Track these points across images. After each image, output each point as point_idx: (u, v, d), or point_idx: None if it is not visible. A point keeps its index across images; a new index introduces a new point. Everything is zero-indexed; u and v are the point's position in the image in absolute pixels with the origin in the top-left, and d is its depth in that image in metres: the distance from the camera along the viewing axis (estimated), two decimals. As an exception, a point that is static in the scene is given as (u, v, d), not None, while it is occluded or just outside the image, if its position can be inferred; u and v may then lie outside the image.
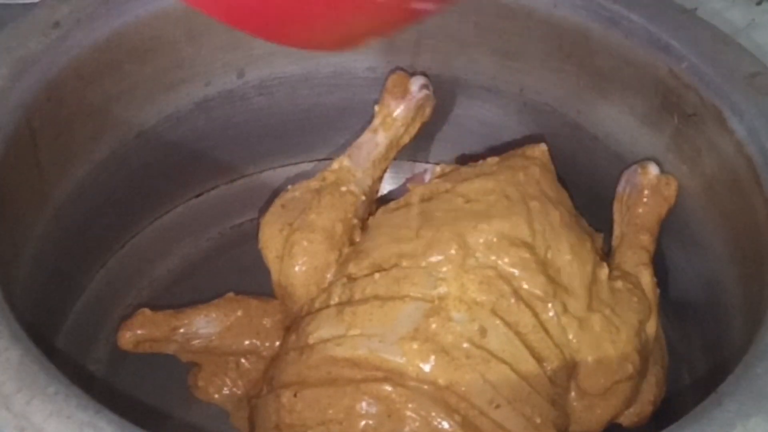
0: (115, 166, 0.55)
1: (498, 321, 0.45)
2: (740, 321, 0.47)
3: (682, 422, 0.37)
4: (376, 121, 0.57)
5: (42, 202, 0.50)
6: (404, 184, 0.63)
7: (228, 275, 0.59)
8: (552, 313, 0.46)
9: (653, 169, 0.54)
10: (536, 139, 0.56)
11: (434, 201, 0.50)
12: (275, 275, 0.53)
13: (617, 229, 0.55)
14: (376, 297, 0.46)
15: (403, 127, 0.57)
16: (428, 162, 0.65)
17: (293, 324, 0.50)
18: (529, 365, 0.45)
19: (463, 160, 0.58)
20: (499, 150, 0.56)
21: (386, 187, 0.61)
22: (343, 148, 0.58)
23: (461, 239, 0.47)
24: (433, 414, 0.43)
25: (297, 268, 0.51)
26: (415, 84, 0.57)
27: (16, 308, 0.39)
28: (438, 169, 0.55)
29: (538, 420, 0.44)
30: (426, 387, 0.43)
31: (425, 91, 0.57)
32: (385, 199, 0.57)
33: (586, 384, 0.47)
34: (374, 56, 0.60)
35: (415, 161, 0.65)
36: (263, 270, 0.53)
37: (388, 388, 0.43)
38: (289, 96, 0.61)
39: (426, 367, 0.44)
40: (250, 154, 0.63)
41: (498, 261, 0.47)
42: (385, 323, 0.45)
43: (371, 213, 0.54)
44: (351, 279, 0.49)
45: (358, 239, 0.52)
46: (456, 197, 0.50)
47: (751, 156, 0.48)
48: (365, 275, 0.48)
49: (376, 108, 0.57)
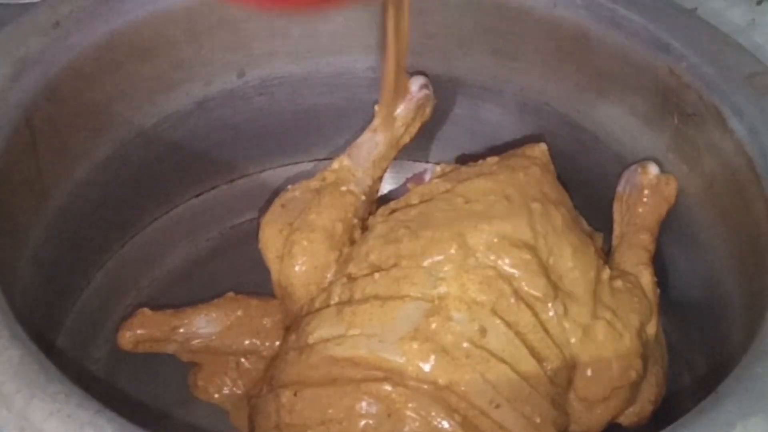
0: (115, 166, 0.55)
1: (498, 321, 0.45)
2: (740, 321, 0.47)
3: (682, 422, 0.37)
4: (376, 121, 0.57)
5: (42, 202, 0.50)
6: (404, 184, 0.63)
7: (228, 275, 0.59)
8: (552, 313, 0.46)
9: (653, 169, 0.54)
10: (536, 139, 0.56)
11: (434, 201, 0.50)
12: (275, 275, 0.53)
13: (617, 229, 0.55)
14: (376, 297, 0.46)
15: (403, 127, 0.57)
16: (428, 162, 0.65)
17: (293, 324, 0.50)
18: (529, 365, 0.45)
19: (463, 160, 0.58)
20: (499, 150, 0.56)
21: (386, 187, 0.61)
22: (343, 148, 0.58)
23: (461, 239, 0.47)
24: (433, 414, 0.43)
25: (297, 268, 0.51)
26: (415, 84, 0.57)
27: (16, 308, 0.39)
28: (438, 169, 0.55)
29: (538, 420, 0.44)
30: (426, 387, 0.43)
31: (425, 91, 0.57)
32: (385, 199, 0.56)
33: (587, 393, 0.47)
34: (374, 56, 0.60)
35: (415, 161, 0.65)
36: (263, 270, 0.53)
37: (388, 388, 0.43)
38: (289, 96, 0.61)
39: (426, 367, 0.44)
40: (250, 154, 0.63)
41: (498, 261, 0.47)
42: (385, 323, 0.45)
43: (371, 213, 0.54)
44: (351, 279, 0.49)
45: (358, 239, 0.52)
46: (456, 197, 0.50)
47: (751, 156, 0.48)
48: (365, 275, 0.48)
49: (377, 108, 0.57)
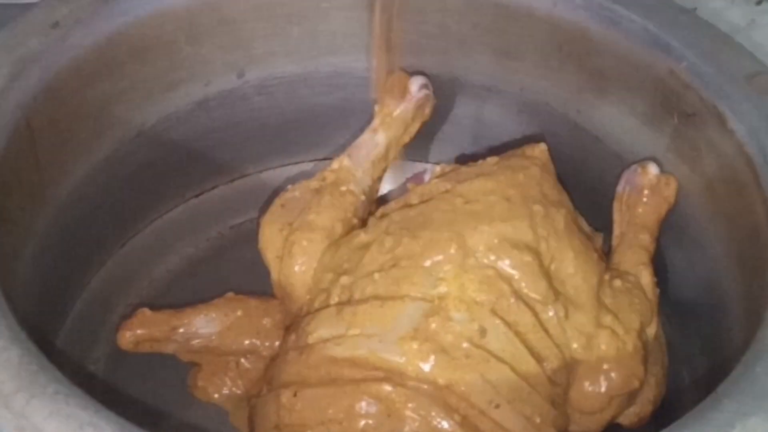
0: (115, 166, 0.55)
1: (498, 321, 0.45)
2: (740, 321, 0.47)
3: (682, 422, 0.37)
4: (376, 121, 0.57)
5: (42, 202, 0.50)
6: (404, 184, 0.63)
7: (228, 275, 0.59)
8: (552, 313, 0.46)
9: (653, 169, 0.54)
10: (536, 139, 0.56)
11: (434, 201, 0.50)
12: (275, 275, 0.53)
13: (617, 229, 0.55)
14: (376, 297, 0.46)
15: (403, 127, 0.57)
16: (428, 162, 0.65)
17: (293, 324, 0.50)
18: (529, 365, 0.45)
19: (463, 160, 0.58)
20: (499, 150, 0.56)
21: (386, 187, 0.61)
22: (343, 148, 0.58)
23: (461, 239, 0.47)
24: (433, 414, 0.43)
25: (297, 268, 0.51)
26: (415, 83, 0.57)
27: (16, 308, 0.39)
28: (438, 169, 0.55)
29: (538, 420, 0.44)
30: (426, 387, 0.43)
31: (425, 91, 0.57)
32: (385, 199, 0.57)
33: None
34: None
35: (415, 161, 0.65)
36: (263, 270, 0.53)
37: (388, 388, 0.43)
38: (289, 96, 0.61)
39: (426, 367, 0.44)
40: (250, 154, 0.63)
41: (498, 262, 0.46)
42: (385, 323, 0.45)
43: (371, 213, 0.54)
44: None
45: (358, 239, 0.52)
46: (455, 197, 0.50)
47: (751, 156, 0.48)
48: (365, 275, 0.48)
49: (376, 108, 0.57)
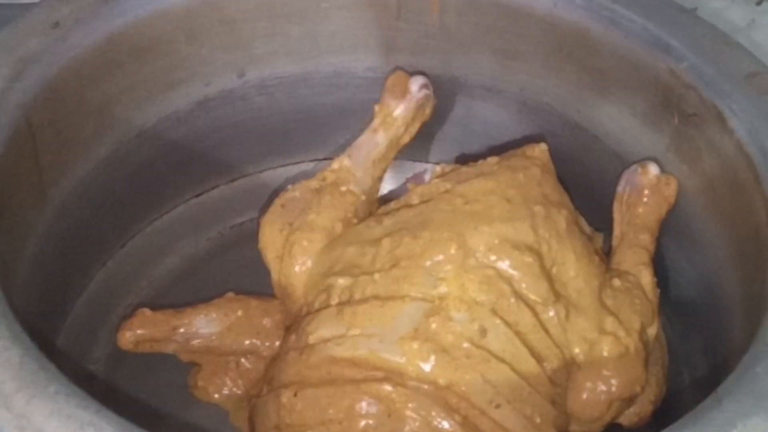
0: (115, 166, 0.55)
1: (498, 321, 0.45)
2: (740, 321, 0.47)
3: (682, 422, 0.37)
4: (376, 121, 0.57)
5: (42, 202, 0.50)
6: (404, 184, 0.63)
7: (228, 275, 0.59)
8: (552, 313, 0.46)
9: (653, 169, 0.54)
10: (536, 139, 0.56)
11: (434, 201, 0.50)
12: (275, 275, 0.53)
13: (617, 229, 0.55)
14: (376, 297, 0.46)
15: (403, 127, 0.57)
16: (428, 162, 0.65)
17: (293, 324, 0.50)
18: (529, 365, 0.45)
19: (463, 160, 0.58)
20: (499, 150, 0.56)
21: (386, 187, 0.61)
22: (343, 148, 0.58)
23: (461, 239, 0.47)
24: (433, 414, 0.43)
25: (297, 268, 0.51)
26: (415, 84, 0.57)
27: (16, 308, 0.39)
28: (438, 169, 0.55)
29: (538, 420, 0.44)
30: (426, 387, 0.43)
31: (425, 91, 0.57)
32: (385, 199, 0.56)
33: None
34: (374, 56, 0.60)
35: (415, 161, 0.65)
36: (263, 270, 0.53)
37: (388, 388, 0.43)
38: (289, 96, 0.61)
39: (426, 367, 0.44)
40: (250, 154, 0.63)
41: (498, 262, 0.46)
42: (385, 323, 0.45)
43: (371, 213, 0.54)
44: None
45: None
46: (455, 197, 0.50)
47: (751, 156, 0.48)
48: (365, 275, 0.48)
49: (376, 108, 0.57)
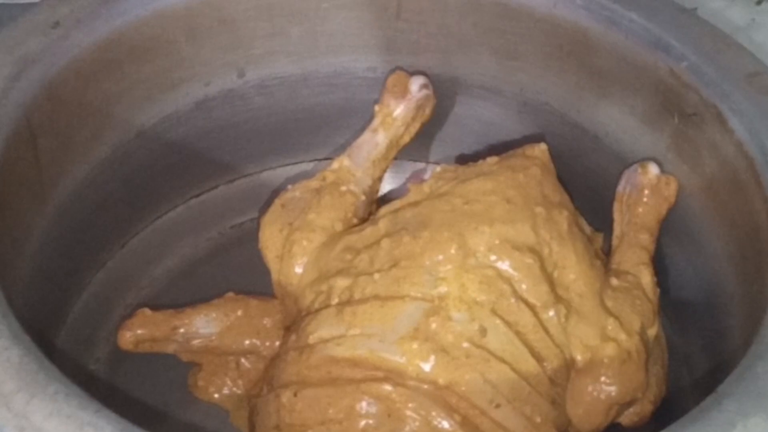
0: (115, 166, 0.55)
1: (498, 321, 0.45)
2: (740, 321, 0.47)
3: (682, 422, 0.37)
4: (376, 121, 0.57)
5: (42, 202, 0.50)
6: (404, 184, 0.63)
7: (228, 275, 0.59)
8: (552, 313, 0.46)
9: (653, 169, 0.54)
10: (536, 139, 0.56)
11: (434, 201, 0.50)
12: (275, 275, 0.53)
13: (617, 229, 0.55)
14: (376, 297, 0.46)
15: (403, 127, 0.57)
16: (428, 162, 0.65)
17: (293, 324, 0.50)
18: (529, 365, 0.45)
19: (463, 160, 0.58)
20: (499, 150, 0.56)
21: (386, 187, 0.61)
22: (343, 148, 0.58)
23: (461, 239, 0.47)
24: (433, 414, 0.43)
25: (297, 268, 0.51)
26: (415, 83, 0.57)
27: (16, 308, 0.39)
28: (438, 169, 0.54)
29: (538, 419, 0.44)
30: (426, 387, 0.43)
31: (425, 91, 0.57)
32: (385, 199, 0.57)
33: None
34: (374, 56, 0.60)
35: (415, 161, 0.65)
36: (263, 270, 0.53)
37: (388, 388, 0.43)
38: (289, 96, 0.61)
39: (426, 367, 0.44)
40: (250, 154, 0.63)
41: (498, 263, 0.46)
42: (385, 323, 0.45)
43: (371, 213, 0.54)
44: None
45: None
46: (455, 197, 0.50)
47: (751, 156, 0.48)
48: (365, 275, 0.48)
49: (376, 108, 0.57)
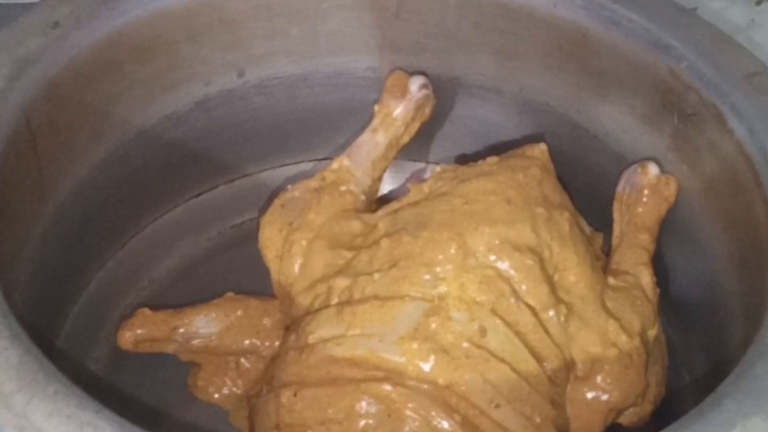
0: (115, 166, 0.55)
1: (498, 320, 0.45)
2: (740, 321, 0.47)
3: (682, 422, 0.37)
4: (376, 121, 0.57)
5: (42, 202, 0.50)
6: (404, 184, 0.63)
7: (228, 275, 0.59)
8: (552, 313, 0.46)
9: (653, 169, 0.54)
10: (536, 139, 0.56)
11: (433, 201, 0.50)
12: (275, 275, 0.53)
13: (617, 229, 0.55)
14: (376, 297, 0.46)
15: (403, 127, 0.57)
16: (428, 162, 0.65)
17: (293, 324, 0.50)
18: (529, 365, 0.45)
19: (463, 160, 0.58)
20: (499, 150, 0.56)
21: (386, 187, 0.61)
22: (343, 148, 0.58)
23: (461, 239, 0.47)
24: (433, 413, 0.43)
25: (297, 268, 0.51)
26: (415, 83, 0.57)
27: (16, 308, 0.39)
28: (438, 169, 0.54)
29: (538, 419, 0.44)
30: (426, 386, 0.43)
31: (425, 91, 0.57)
32: (385, 199, 0.57)
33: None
34: (374, 56, 0.60)
35: (415, 161, 0.65)
36: (263, 270, 0.53)
37: (388, 388, 0.43)
38: (289, 96, 0.61)
39: (426, 367, 0.44)
40: (250, 154, 0.63)
41: (498, 263, 0.46)
42: (385, 323, 0.45)
43: (371, 213, 0.54)
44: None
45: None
46: (455, 197, 0.50)
47: (751, 156, 0.48)
48: (365, 275, 0.48)
49: (376, 108, 0.57)
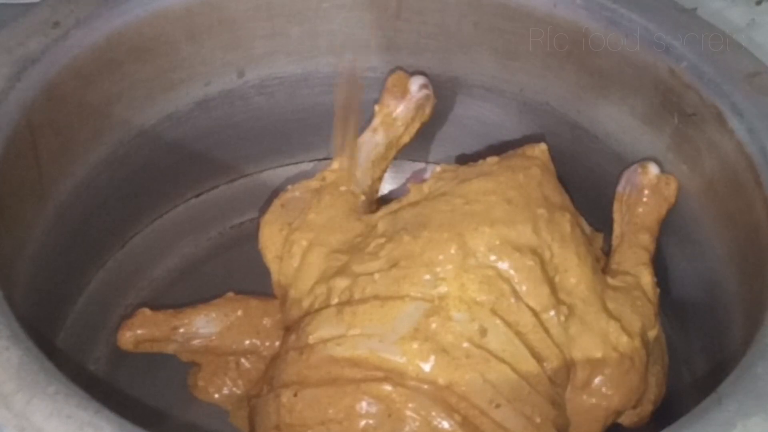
0: (115, 166, 0.55)
1: (498, 321, 0.45)
2: (740, 321, 0.47)
3: (682, 422, 0.37)
4: (376, 121, 0.57)
5: (42, 202, 0.50)
6: (404, 184, 0.63)
7: (228, 275, 0.59)
8: (552, 313, 0.46)
9: (653, 169, 0.54)
10: (536, 139, 0.56)
11: (433, 201, 0.50)
12: (275, 275, 0.53)
13: (617, 229, 0.55)
14: (376, 297, 0.46)
15: (403, 127, 0.57)
16: (428, 162, 0.65)
17: (293, 324, 0.50)
18: (529, 365, 0.45)
19: (463, 160, 0.58)
20: (499, 150, 0.56)
21: (386, 187, 0.61)
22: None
23: (461, 239, 0.47)
24: (433, 414, 0.43)
25: (296, 268, 0.51)
26: (415, 83, 0.57)
27: (16, 308, 0.39)
28: (438, 169, 0.54)
29: (538, 419, 0.44)
30: (426, 387, 0.43)
31: (425, 91, 0.57)
32: (385, 199, 0.57)
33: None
34: (374, 56, 0.60)
35: (415, 161, 0.65)
36: (263, 270, 0.53)
37: (388, 388, 0.43)
38: (289, 96, 0.61)
39: (426, 367, 0.44)
40: (250, 154, 0.63)
41: (499, 263, 0.46)
42: (385, 323, 0.45)
43: (371, 213, 0.54)
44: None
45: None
46: (455, 197, 0.50)
47: (751, 156, 0.48)
48: (365, 275, 0.48)
49: (376, 108, 0.57)
